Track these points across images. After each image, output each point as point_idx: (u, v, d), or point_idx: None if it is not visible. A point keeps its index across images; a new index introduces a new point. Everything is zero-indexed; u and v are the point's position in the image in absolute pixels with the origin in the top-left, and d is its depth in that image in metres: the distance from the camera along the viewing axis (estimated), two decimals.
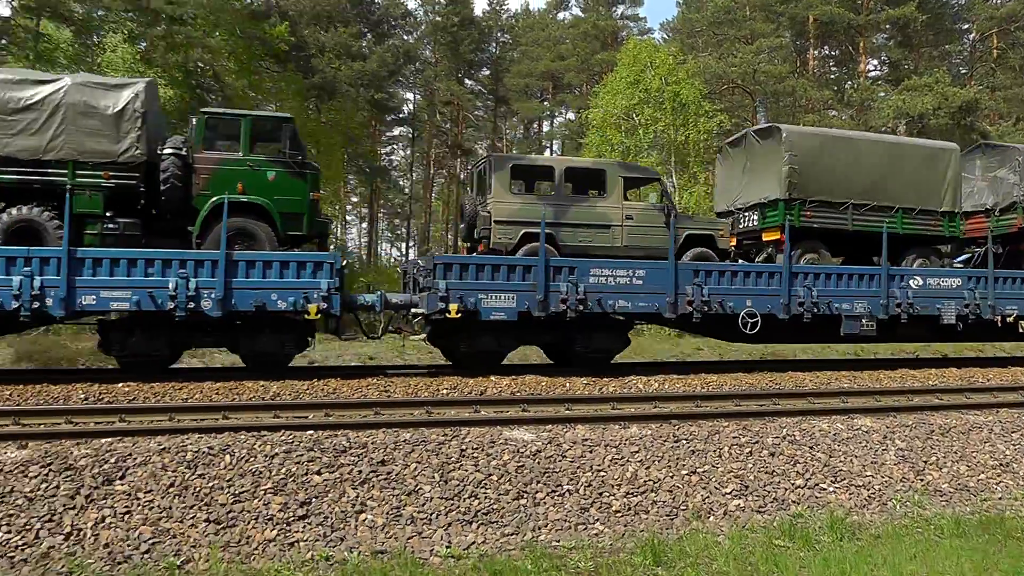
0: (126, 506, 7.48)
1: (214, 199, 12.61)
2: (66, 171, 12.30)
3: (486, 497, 8.20)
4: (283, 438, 8.83)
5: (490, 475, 8.53)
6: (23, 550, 6.94)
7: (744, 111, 45.28)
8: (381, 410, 10.48)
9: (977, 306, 15.61)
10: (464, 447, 8.98)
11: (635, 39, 42.73)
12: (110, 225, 12.57)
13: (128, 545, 7.09)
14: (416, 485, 8.24)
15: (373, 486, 8.16)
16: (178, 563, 6.94)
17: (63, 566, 6.83)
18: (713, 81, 41.39)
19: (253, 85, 33.98)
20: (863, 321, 14.88)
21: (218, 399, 11.16)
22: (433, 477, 8.39)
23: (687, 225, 15.03)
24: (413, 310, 13.58)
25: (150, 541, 7.15)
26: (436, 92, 53.14)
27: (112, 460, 8.03)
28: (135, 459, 8.08)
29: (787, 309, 14.36)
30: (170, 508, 7.52)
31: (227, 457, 8.28)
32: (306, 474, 8.18)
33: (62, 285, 11.52)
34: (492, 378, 13.04)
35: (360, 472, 8.32)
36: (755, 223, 16.16)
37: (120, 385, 11.74)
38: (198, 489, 7.79)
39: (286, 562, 7.08)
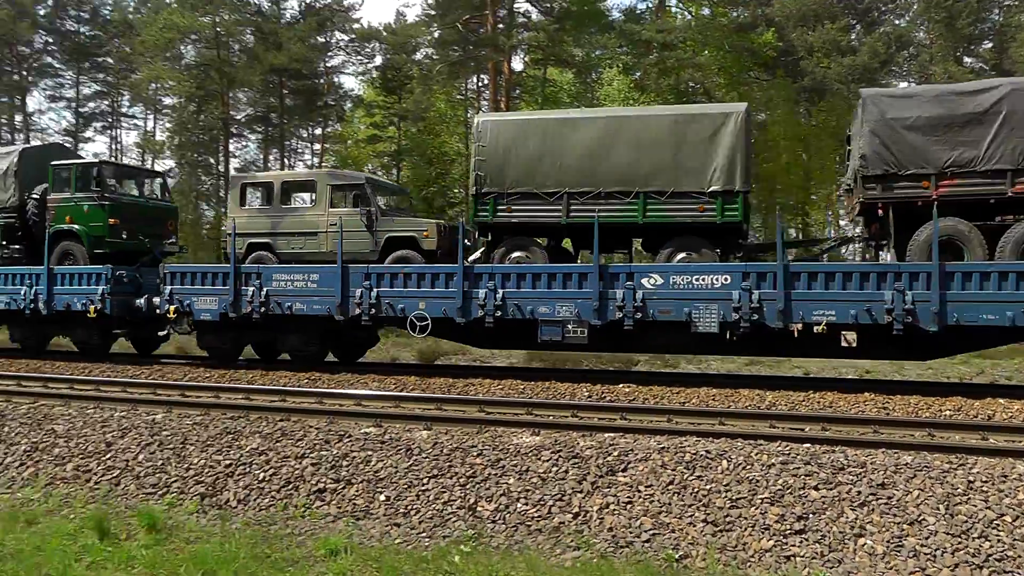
0: (628, 497, 7.87)
1: (50, 229, 17.38)
2: None
3: (999, 541, 6.95)
4: (779, 448, 8.61)
5: (1003, 515, 7.23)
6: (538, 521, 7.72)
7: None
8: (880, 428, 9.76)
9: (755, 310, 11.87)
10: (971, 478, 7.80)
11: None
12: (5, 251, 18.28)
13: (630, 532, 7.43)
14: (919, 515, 7.34)
15: (872, 509, 7.47)
16: (676, 556, 7.09)
17: (571, 540, 7.41)
18: None
19: (743, 97, 34.20)
20: (568, 327, 12.94)
21: (715, 405, 11.54)
22: (937, 508, 7.39)
23: (388, 227, 15.08)
24: (158, 311, 16.28)
25: (650, 532, 7.41)
26: (931, 76, 48.05)
27: (615, 453, 8.54)
28: (636, 455, 8.49)
29: (463, 312, 13.41)
30: (669, 504, 7.72)
31: (724, 462, 8.27)
32: (803, 488, 7.81)
33: None
34: (1001, 401, 11.44)
35: (859, 493, 7.69)
36: None
37: (620, 386, 12.68)
38: (696, 490, 7.88)
39: (781, 574, 6.84)
